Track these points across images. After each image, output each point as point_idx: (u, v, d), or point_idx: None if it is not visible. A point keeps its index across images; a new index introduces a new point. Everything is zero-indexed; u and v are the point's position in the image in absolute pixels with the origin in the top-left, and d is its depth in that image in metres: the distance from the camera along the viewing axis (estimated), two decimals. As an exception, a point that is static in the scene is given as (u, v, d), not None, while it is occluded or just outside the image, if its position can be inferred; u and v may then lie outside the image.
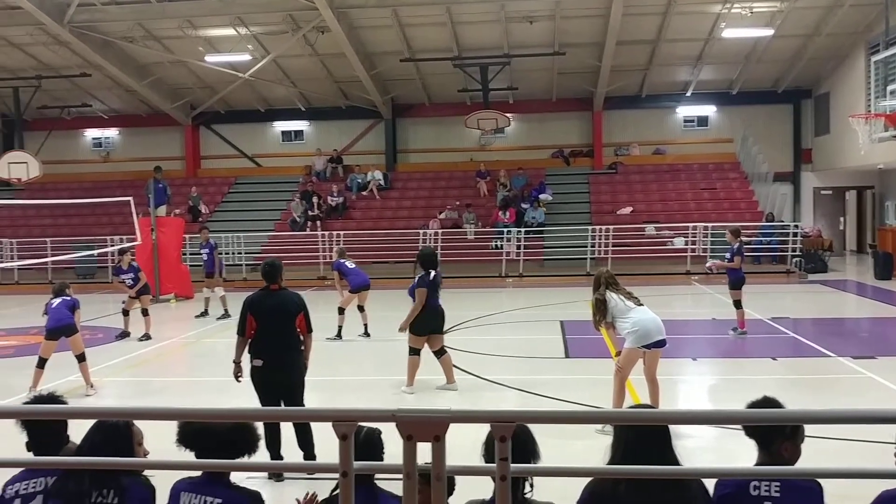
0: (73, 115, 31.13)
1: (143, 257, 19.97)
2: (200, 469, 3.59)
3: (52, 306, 10.62)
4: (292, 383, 7.31)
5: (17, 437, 4.06)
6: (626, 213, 27.16)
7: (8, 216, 30.23)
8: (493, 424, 2.49)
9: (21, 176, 26.12)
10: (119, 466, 3.52)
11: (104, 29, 24.45)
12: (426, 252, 10.75)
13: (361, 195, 29.39)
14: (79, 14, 23.04)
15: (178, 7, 23.17)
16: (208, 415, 3.23)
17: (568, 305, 17.74)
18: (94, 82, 28.42)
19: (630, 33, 24.20)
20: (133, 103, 30.72)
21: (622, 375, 8.29)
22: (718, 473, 3.38)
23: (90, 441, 3.71)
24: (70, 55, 26.23)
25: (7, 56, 26.71)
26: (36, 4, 21.96)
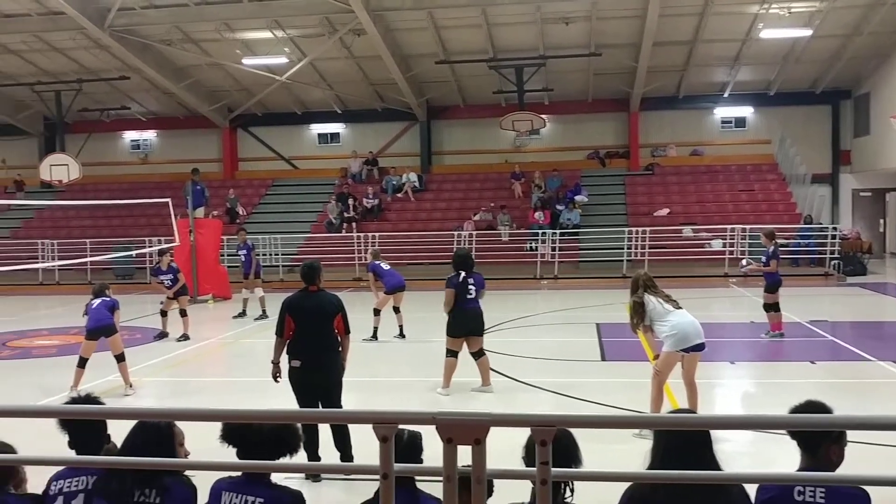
0: (113, 118, 31.58)
1: (182, 258, 20.21)
2: (241, 470, 3.62)
3: (92, 307, 10.76)
4: (330, 384, 7.34)
5: (59, 436, 4.12)
6: (663, 215, 26.94)
7: (49, 217, 30.76)
8: (534, 428, 2.48)
9: (62, 178, 26.59)
10: (161, 467, 3.56)
11: (143, 32, 24.77)
12: (460, 253, 10.75)
13: (396, 197, 29.48)
14: (118, 18, 23.37)
15: (215, 10, 23.42)
16: (249, 416, 3.25)
17: (604, 308, 17.65)
18: (132, 85, 28.82)
19: (667, 34, 24.02)
20: (171, 106, 31.09)
21: (660, 379, 8.21)
22: (760, 479, 3.34)
23: (133, 441, 3.75)
24: (110, 59, 26.64)
25: (50, 60, 27.18)
26: (78, 10, 22.32)
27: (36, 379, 12.06)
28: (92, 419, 4.07)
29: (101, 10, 23.20)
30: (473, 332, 10.18)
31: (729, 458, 3.69)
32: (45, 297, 23.77)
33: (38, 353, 14.36)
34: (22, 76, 28.40)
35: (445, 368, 10.20)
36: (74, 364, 10.70)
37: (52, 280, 26.00)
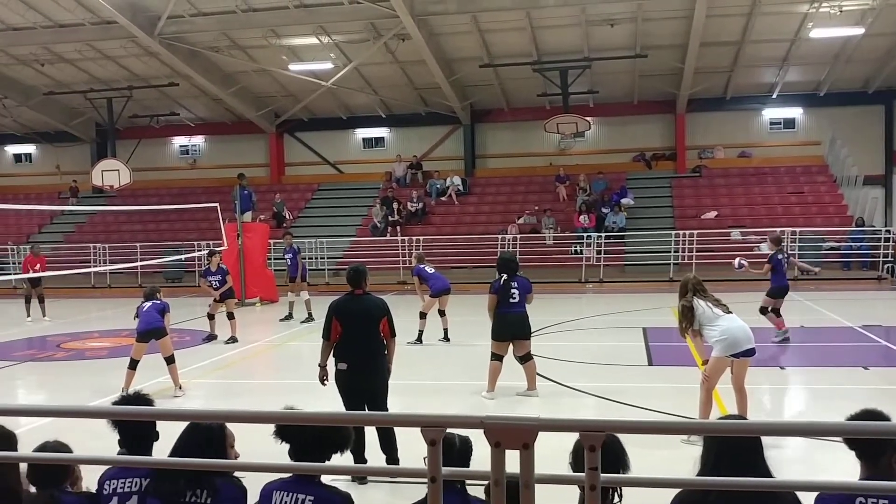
0: (162, 124, 32.12)
1: (230, 262, 20.47)
2: (290, 471, 3.66)
3: (142, 310, 10.93)
4: (376, 387, 7.38)
5: (109, 435, 4.19)
6: (711, 218, 26.64)
7: (101, 222, 31.39)
8: (583, 433, 2.47)
9: (113, 183, 27.14)
10: (212, 468, 3.62)
11: (191, 39, 25.17)
12: (504, 257, 10.74)
13: (440, 200, 29.55)
14: (168, 26, 23.78)
15: (262, 17, 23.70)
16: (299, 418, 3.29)
17: (651, 312, 17.48)
18: (181, 91, 29.29)
19: (714, 35, 23.76)
20: (219, 111, 31.53)
21: (709, 385, 8.10)
22: (815, 486, 3.28)
23: (185, 442, 3.81)
24: (159, 66, 27.12)
25: (102, 68, 27.75)
26: (129, 18, 22.76)
27: (88, 380, 12.30)
28: (142, 420, 4.14)
29: (151, 18, 23.62)
30: (518, 335, 10.14)
31: (779, 466, 3.64)
32: (97, 300, 24.25)
33: (90, 355, 14.65)
34: (75, 84, 29.03)
35: (490, 372, 10.19)
36: (125, 366, 10.88)
37: (103, 283, 26.52)
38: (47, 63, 27.36)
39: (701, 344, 8.33)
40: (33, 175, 34.80)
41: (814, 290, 21.33)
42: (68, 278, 23.02)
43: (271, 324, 18.24)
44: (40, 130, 33.00)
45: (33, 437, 4.41)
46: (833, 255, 24.42)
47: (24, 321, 19.05)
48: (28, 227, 32.12)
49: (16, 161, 35.41)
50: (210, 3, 23.21)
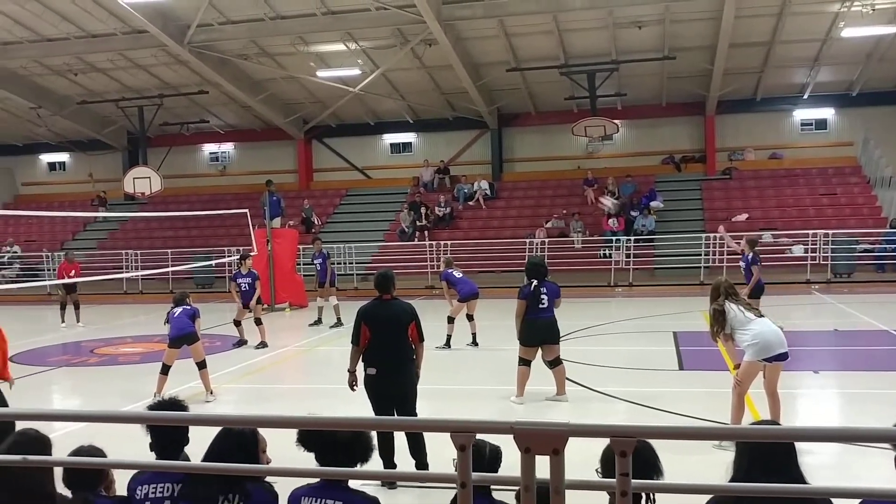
0: (192, 131, 32.45)
1: (259, 267, 20.61)
2: (320, 476, 3.67)
3: (173, 315, 11.01)
4: (405, 392, 7.39)
5: (140, 440, 4.23)
6: (742, 220, 26.39)
7: (132, 229, 31.75)
8: (614, 439, 2.45)
9: (145, 190, 27.48)
10: (244, 473, 3.64)
11: (220, 47, 25.41)
12: (533, 261, 10.71)
13: (468, 205, 29.56)
14: (197, 34, 24.03)
15: (290, 24, 23.88)
16: (328, 423, 3.30)
17: (681, 316, 17.34)
18: (211, 99, 29.57)
19: (743, 35, 23.57)
20: (248, 118, 31.78)
21: (741, 389, 8.02)
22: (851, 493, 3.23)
23: (218, 447, 3.83)
24: (189, 74, 27.41)
25: (133, 77, 28.09)
26: (159, 27, 23.04)
27: (121, 385, 12.42)
28: (176, 425, 4.18)
29: (181, 27, 23.88)
30: (547, 340, 10.10)
31: (814, 471, 3.59)
32: (130, 306, 24.52)
33: (123, 360, 14.80)
34: (107, 93, 29.41)
35: (518, 377, 10.15)
36: (157, 371, 10.98)
37: (135, 289, 26.80)
38: (80, 73, 27.76)
39: (732, 348, 8.24)
40: (67, 183, 35.30)
41: (847, 293, 21.08)
42: (101, 284, 23.30)
43: (301, 329, 18.33)
44: (73, 139, 33.46)
45: (67, 441, 4.46)
46: (867, 257, 24.11)
47: (59, 327, 19.31)
48: (62, 234, 32.58)
49: (50, 169, 35.94)
50: (239, 12, 23.44)
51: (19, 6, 23.05)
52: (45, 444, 4.16)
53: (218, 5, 23.02)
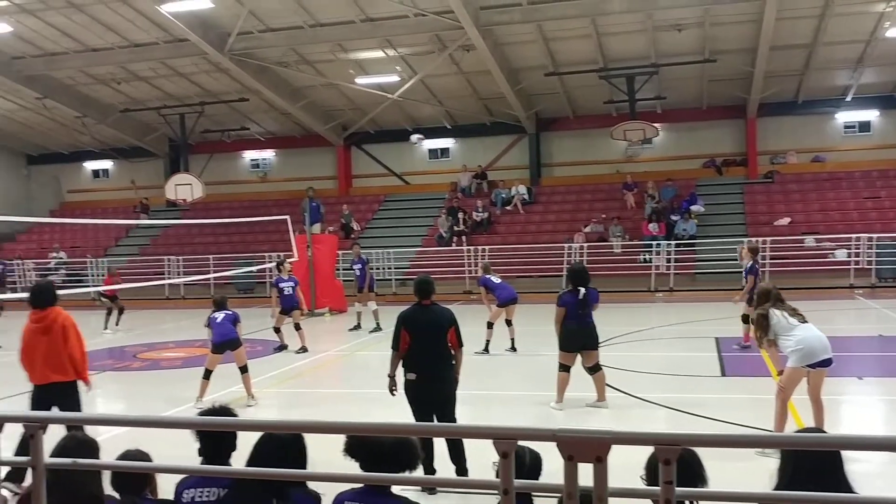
0: (233, 138, 32.82)
1: (300, 273, 20.78)
2: (363, 482, 3.69)
3: (216, 320, 11.11)
4: (445, 396, 7.41)
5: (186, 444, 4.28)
6: (784, 225, 26.05)
7: (174, 235, 32.17)
8: (658, 447, 2.44)
9: (186, 197, 27.84)
10: (288, 478, 3.67)
11: (261, 55, 25.68)
12: (575, 268, 10.66)
13: (506, 210, 29.53)
14: (238, 42, 24.31)
15: (329, 31, 24.06)
16: (371, 429, 3.32)
17: (723, 321, 17.13)
18: (251, 106, 29.89)
19: (784, 37, 23.28)
20: (288, 125, 32.07)
21: (784, 396, 7.92)
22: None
23: (263, 452, 3.86)
24: (230, 81, 27.74)
25: (175, 85, 28.51)
26: (200, 36, 23.36)
27: (163, 389, 12.59)
28: (224, 431, 4.23)
29: (221, 35, 24.19)
30: (587, 346, 10.06)
31: (861, 480, 3.54)
32: (172, 311, 24.84)
33: (165, 365, 15.01)
34: (149, 101, 29.88)
35: (558, 383, 10.11)
36: (199, 375, 11.11)
37: (177, 295, 27.15)
38: (123, 81, 28.23)
39: (776, 354, 8.14)
40: (110, 190, 35.90)
41: (893, 299, 20.68)
42: (143, 290, 23.62)
43: (340, 334, 18.44)
44: (116, 146, 34.03)
45: (112, 445, 4.54)
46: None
47: (102, 332, 19.63)
48: (105, 240, 33.11)
49: (94, 176, 36.57)
50: (278, 19, 23.68)
51: (67, 18, 23.52)
52: (93, 448, 4.24)
53: (258, 13, 23.28)
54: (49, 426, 3.66)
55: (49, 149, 35.50)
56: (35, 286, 8.32)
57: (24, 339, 7.85)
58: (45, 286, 8.36)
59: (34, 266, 30.34)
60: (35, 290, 8.09)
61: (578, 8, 22.35)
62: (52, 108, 29.76)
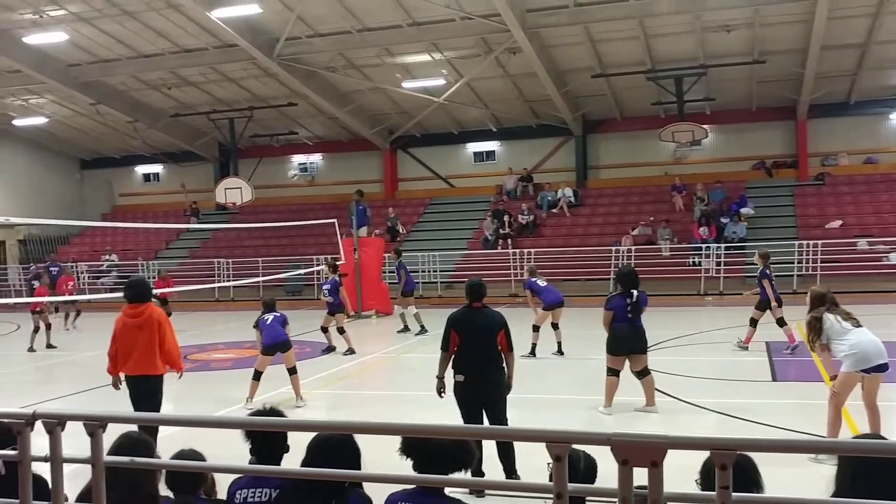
0: (281, 143, 33.17)
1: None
2: (416, 483, 3.71)
3: (265, 322, 11.25)
4: (494, 398, 7.42)
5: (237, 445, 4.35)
6: (836, 227, 25.58)
7: (224, 238, 32.61)
8: (714, 452, 2.43)
9: (236, 200, 28.19)
10: (342, 478, 3.70)
11: (308, 60, 25.92)
12: (624, 271, 10.60)
13: (552, 213, 29.42)
14: (286, 48, 24.59)
15: (376, 36, 24.21)
16: (425, 430, 3.35)
17: (774, 325, 16.85)
18: (299, 111, 30.19)
19: (836, 37, 22.86)
20: (335, 130, 32.33)
21: (838, 401, 7.78)
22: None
23: (318, 454, 3.90)
24: (278, 86, 28.05)
25: (224, 90, 28.92)
26: (249, 41, 23.67)
27: (214, 390, 12.78)
28: (275, 431, 4.30)
29: (270, 40, 24.48)
30: (636, 350, 9.99)
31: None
32: (222, 313, 25.17)
33: (215, 366, 15.23)
34: (199, 106, 30.34)
35: (607, 387, 10.05)
36: (249, 377, 11.26)
37: (226, 297, 27.51)
38: (174, 87, 28.71)
39: (829, 359, 8.01)
40: (161, 193, 36.52)
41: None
42: (194, 292, 23.98)
43: (387, 336, 18.55)
44: (167, 151, 34.60)
45: (165, 445, 4.63)
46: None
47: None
48: (156, 243, 33.69)
49: (145, 180, 37.24)
50: (326, 25, 23.89)
51: (120, 25, 24.00)
52: (149, 447, 4.33)
53: (306, 19, 23.51)
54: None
55: (101, 153, 36.26)
56: (131, 282, 8.66)
57: (118, 332, 8.25)
58: (140, 282, 8.78)
59: (87, 268, 30.97)
60: (131, 285, 8.45)
61: (626, 9, 22.19)
62: (105, 114, 30.38)
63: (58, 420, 3.69)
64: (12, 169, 33.85)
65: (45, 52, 25.84)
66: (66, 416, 3.74)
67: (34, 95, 29.57)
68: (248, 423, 4.50)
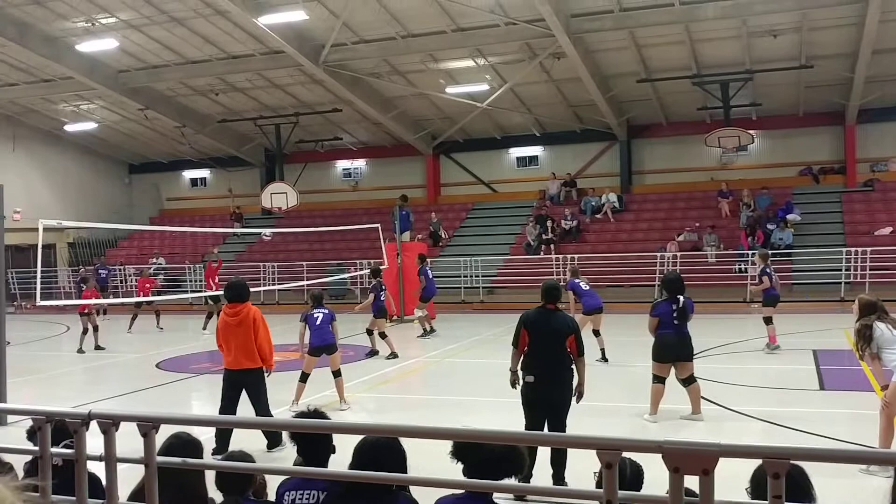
0: (326, 148, 33.43)
1: (390, 280, 21.12)
2: (463, 488, 3.73)
3: (315, 321, 11.27)
4: (561, 402, 7.50)
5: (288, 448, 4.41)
6: (886, 234, 25.08)
7: (269, 242, 32.94)
8: (767, 461, 2.42)
9: (281, 205, 28.52)
10: (388, 481, 3.74)
11: (353, 67, 26.12)
12: (669, 277, 10.50)
13: (595, 218, 29.25)
14: (332, 54, 24.80)
15: (420, 42, 24.31)
16: (474, 436, 3.37)
17: (821, 333, 16.66)
18: (344, 117, 30.42)
19: (888, 41, 22.43)
20: (379, 135, 32.52)
21: (890, 412, 7.64)
22: None
23: (368, 457, 3.94)
24: (323, 92, 28.30)
25: (270, 96, 29.25)
26: (296, 48, 23.92)
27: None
28: (320, 433, 4.35)
29: (316, 47, 24.72)
30: (681, 357, 9.91)
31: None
32: (267, 316, 25.30)
33: (261, 369, 15.34)
34: (246, 111, 30.73)
35: (652, 395, 9.98)
36: (293, 379, 11.36)
37: (272, 300, 27.78)
38: (221, 92, 29.11)
39: (880, 368, 7.87)
40: (208, 198, 37.02)
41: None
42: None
43: (431, 339, 18.57)
44: (214, 156, 35.09)
45: (209, 445, 4.70)
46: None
47: (202, 332, 20.31)
48: (203, 247, 34.08)
49: (192, 185, 37.78)
50: (371, 31, 24.05)
51: (168, 32, 24.42)
52: (197, 448, 4.41)
53: (351, 25, 23.69)
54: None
55: (149, 158, 36.90)
56: (231, 283, 9.42)
57: (220, 329, 9.12)
58: (240, 284, 9.44)
59: (135, 272, 31.51)
60: (231, 286, 9.24)
61: (671, 14, 22.02)
62: (153, 119, 30.92)
63: (112, 420, 3.78)
64: (63, 173, 34.59)
65: (96, 59, 26.39)
66: (121, 416, 3.83)
67: (85, 101, 30.21)
68: (294, 426, 4.56)
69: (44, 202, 31.41)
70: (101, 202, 35.38)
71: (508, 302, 24.81)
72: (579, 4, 22.07)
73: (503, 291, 26.84)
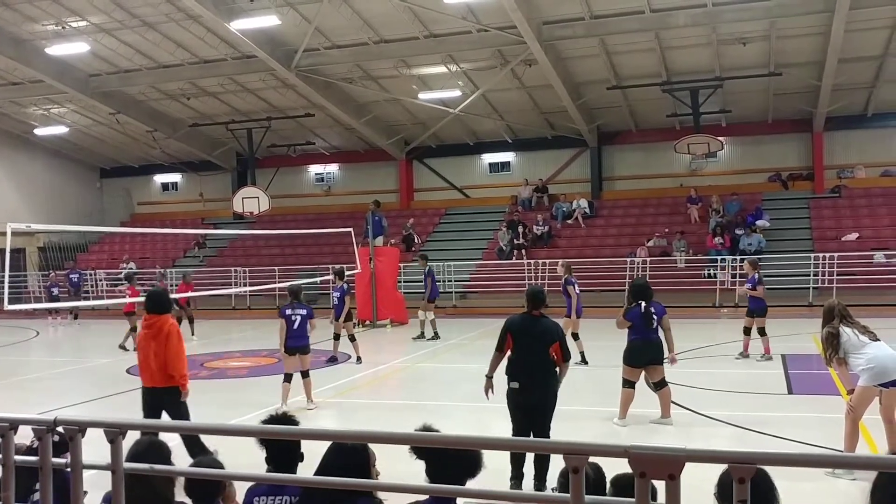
0: (299, 153, 33.36)
1: (362, 285, 21.09)
2: (429, 493, 3.74)
3: (293, 322, 11.32)
4: (545, 406, 7.49)
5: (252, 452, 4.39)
6: (852, 240, 25.46)
7: (241, 246, 32.79)
8: (733, 465, 2.45)
9: (253, 210, 28.40)
10: (356, 487, 3.73)
11: (326, 71, 26.08)
12: (638, 283, 10.64)
13: (567, 223, 29.40)
14: (304, 59, 24.74)
15: (393, 48, 24.33)
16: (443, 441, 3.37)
17: (789, 338, 16.83)
18: (316, 122, 30.35)
19: (853, 50, 22.79)
20: (352, 140, 32.48)
21: (855, 416, 7.75)
22: None
23: (330, 462, 3.94)
24: (296, 97, 28.22)
25: (243, 100, 29.11)
26: (268, 53, 23.85)
27: (229, 397, 12.80)
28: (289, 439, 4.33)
29: (288, 52, 24.65)
30: (654, 361, 10.00)
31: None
32: (238, 321, 25.29)
33: (231, 374, 15.28)
34: (218, 116, 30.57)
35: (622, 399, 10.05)
36: (265, 384, 11.33)
37: (243, 305, 27.65)
38: (192, 97, 28.93)
39: (846, 373, 7.97)
40: (179, 202, 36.75)
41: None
42: (210, 300, 24.11)
43: (403, 344, 18.58)
44: (185, 160, 34.86)
45: (180, 451, 4.67)
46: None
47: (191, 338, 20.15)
48: (174, 251, 33.89)
49: (163, 189, 37.49)
50: (344, 36, 24.03)
51: (140, 36, 24.24)
52: (164, 450, 4.35)
53: (324, 30, 23.66)
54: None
55: (121, 162, 36.56)
56: (150, 293, 8.71)
57: (138, 342, 8.45)
58: (159, 293, 8.77)
59: (105, 276, 31.19)
60: (150, 296, 8.48)
61: (642, 22, 22.21)
62: (125, 123, 30.65)
63: (78, 427, 3.74)
64: (33, 177, 34.17)
65: (67, 63, 26.12)
66: (87, 422, 3.79)
67: (55, 105, 29.88)
68: (262, 431, 4.53)
69: (12, 207, 31.00)
70: (72, 207, 34.98)
71: (481, 307, 24.89)
72: (551, 12, 22.20)
73: (475, 296, 26.90)
